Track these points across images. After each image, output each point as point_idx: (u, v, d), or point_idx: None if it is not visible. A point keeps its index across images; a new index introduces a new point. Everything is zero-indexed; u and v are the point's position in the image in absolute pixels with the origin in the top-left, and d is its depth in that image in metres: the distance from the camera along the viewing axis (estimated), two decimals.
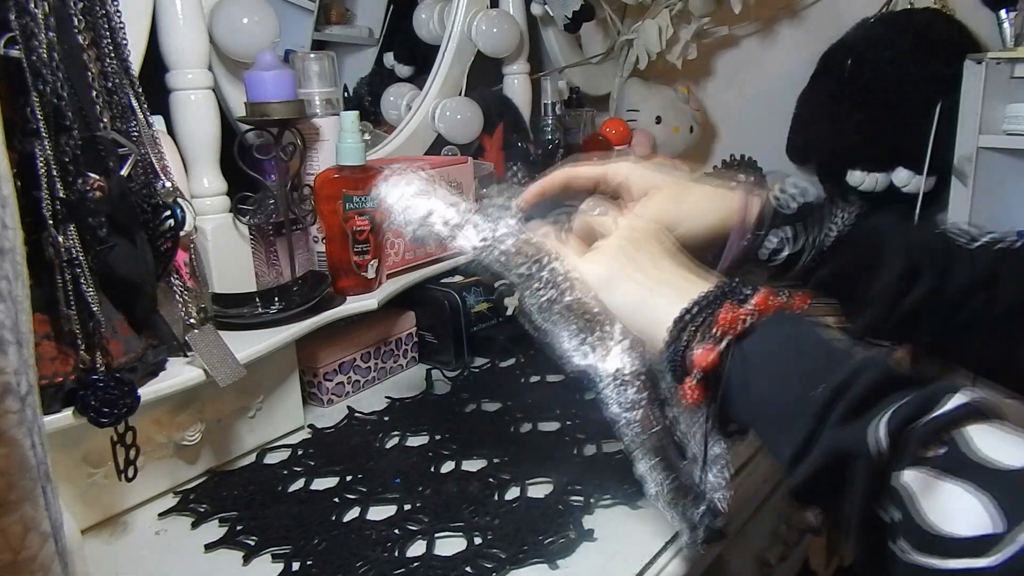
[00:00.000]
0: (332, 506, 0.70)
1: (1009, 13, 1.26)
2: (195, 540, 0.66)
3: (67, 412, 0.61)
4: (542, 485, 0.71)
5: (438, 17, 1.25)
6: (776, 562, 0.84)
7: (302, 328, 0.83)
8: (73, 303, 0.59)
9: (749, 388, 0.46)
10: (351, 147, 0.88)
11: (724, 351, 0.47)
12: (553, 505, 0.68)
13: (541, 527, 0.64)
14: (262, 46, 0.86)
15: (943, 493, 0.36)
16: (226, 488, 0.74)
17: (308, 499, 0.72)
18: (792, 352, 0.46)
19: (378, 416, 0.88)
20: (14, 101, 0.56)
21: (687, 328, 0.49)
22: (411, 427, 0.85)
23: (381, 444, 0.82)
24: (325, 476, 0.75)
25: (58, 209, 0.57)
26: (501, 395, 0.92)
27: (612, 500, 0.68)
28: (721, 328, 0.47)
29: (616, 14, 1.49)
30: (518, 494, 0.70)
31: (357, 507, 0.69)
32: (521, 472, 0.73)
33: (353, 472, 0.76)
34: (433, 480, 0.73)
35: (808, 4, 1.54)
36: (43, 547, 0.37)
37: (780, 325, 0.47)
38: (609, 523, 0.65)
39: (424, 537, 0.64)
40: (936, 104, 1.34)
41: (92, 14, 0.63)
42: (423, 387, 0.97)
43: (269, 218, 0.88)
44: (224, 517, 0.69)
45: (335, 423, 0.87)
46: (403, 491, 0.72)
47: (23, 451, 0.35)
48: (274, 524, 0.67)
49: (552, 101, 1.34)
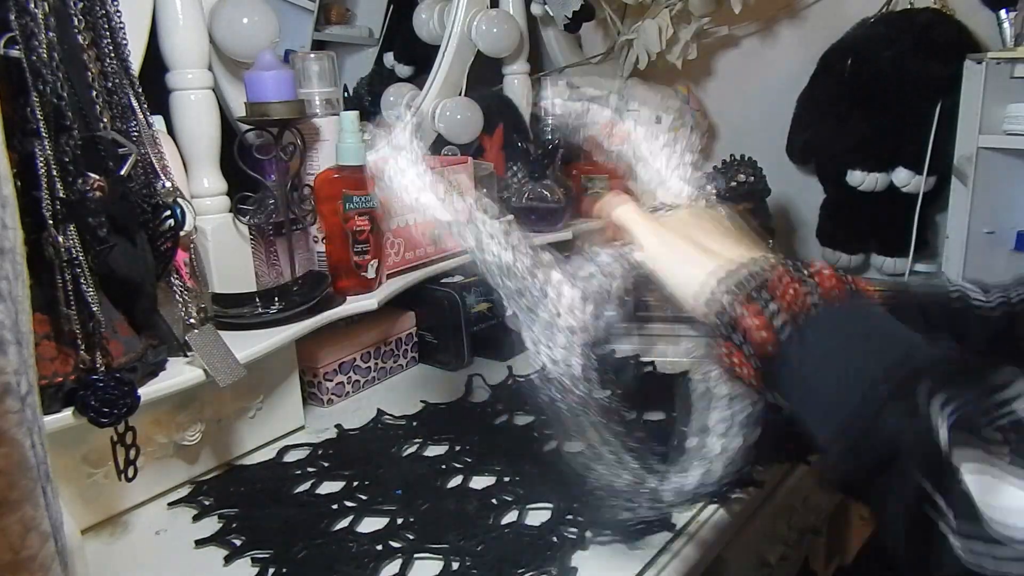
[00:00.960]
0: (328, 513, 0.69)
1: (1009, 13, 1.26)
2: (192, 533, 0.67)
3: (67, 412, 0.61)
4: (542, 511, 0.69)
5: (438, 17, 1.25)
6: (776, 562, 0.84)
7: (302, 328, 0.83)
8: (73, 303, 0.59)
9: (803, 371, 0.44)
10: (351, 147, 0.88)
11: (780, 329, 0.45)
12: (546, 535, 0.64)
13: (524, 559, 0.61)
14: (262, 46, 0.86)
15: (1004, 492, 0.34)
16: (237, 483, 0.74)
17: (308, 503, 0.72)
18: (852, 340, 0.44)
19: (407, 421, 0.88)
20: (14, 101, 0.56)
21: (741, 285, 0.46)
22: (435, 435, 0.84)
23: (399, 450, 0.81)
24: (334, 480, 0.75)
25: (58, 209, 0.57)
26: (537, 408, 0.87)
27: (610, 537, 0.64)
28: (780, 303, 0.44)
29: (616, 14, 1.49)
30: (515, 518, 0.68)
31: (351, 516, 0.69)
32: (525, 495, 0.71)
33: (360, 478, 0.75)
34: (434, 495, 0.72)
35: (808, 4, 1.54)
36: (43, 547, 0.37)
37: (840, 311, 0.45)
38: (600, 561, 0.62)
39: (402, 556, 0.62)
40: (936, 104, 1.33)
41: (92, 14, 0.63)
42: (462, 392, 0.95)
43: (269, 218, 0.88)
44: (223, 513, 0.69)
45: (362, 424, 0.87)
46: (401, 503, 0.70)
47: (23, 451, 0.35)
48: (266, 526, 0.67)
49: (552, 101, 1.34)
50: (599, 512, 0.62)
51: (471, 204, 0.59)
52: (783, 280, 0.45)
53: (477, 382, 0.97)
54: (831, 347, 0.44)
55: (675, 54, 1.46)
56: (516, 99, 1.33)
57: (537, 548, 0.63)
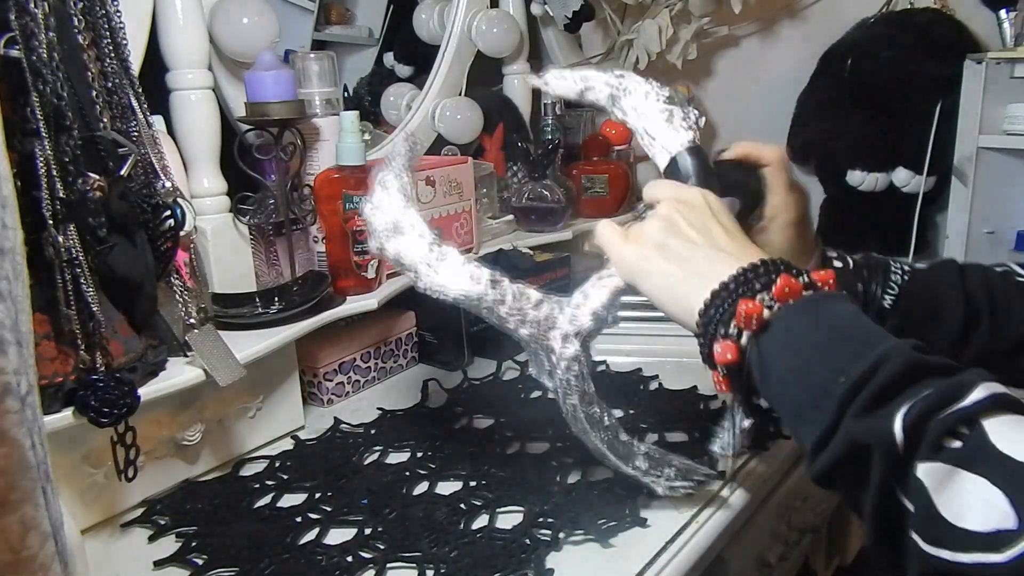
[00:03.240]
0: (292, 526, 0.67)
1: (1009, 13, 1.26)
2: (150, 554, 0.64)
3: (67, 412, 0.61)
4: (513, 514, 0.67)
5: (438, 17, 1.25)
6: (776, 562, 0.84)
7: (302, 328, 0.83)
8: (73, 303, 0.59)
9: (769, 379, 0.47)
10: (351, 147, 0.88)
11: (744, 346, 0.48)
12: (519, 538, 0.63)
13: (500, 563, 0.60)
14: (262, 46, 0.86)
15: (958, 487, 0.36)
16: (193, 500, 0.71)
17: (270, 517, 0.69)
18: (812, 342, 0.45)
19: (365, 428, 0.85)
20: (14, 101, 0.56)
21: (711, 322, 0.49)
22: (395, 442, 0.81)
23: (360, 459, 0.78)
24: (295, 492, 0.73)
25: (58, 209, 0.57)
26: (496, 410, 0.88)
27: (583, 536, 0.63)
28: (737, 325, 0.47)
29: (616, 14, 1.49)
30: (485, 523, 0.66)
31: (317, 528, 0.66)
32: (494, 498, 0.69)
33: (323, 489, 0.73)
34: (401, 503, 0.70)
35: (808, 4, 1.54)
36: (43, 547, 0.37)
37: (798, 315, 0.47)
38: (574, 561, 0.61)
39: (375, 567, 0.61)
40: (936, 104, 1.33)
41: (92, 14, 0.63)
42: (419, 398, 0.93)
43: (269, 218, 0.88)
44: (182, 532, 0.67)
45: (319, 435, 0.84)
46: (368, 513, 0.68)
47: (23, 451, 0.35)
48: (229, 543, 0.64)
49: (552, 101, 1.34)
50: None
51: (462, 261, 0.62)
52: (744, 308, 0.47)
53: (433, 386, 0.95)
54: (789, 354, 0.46)
55: (675, 54, 1.46)
56: (516, 99, 1.33)
57: (511, 551, 0.61)
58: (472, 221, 1.10)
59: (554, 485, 0.71)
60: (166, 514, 0.70)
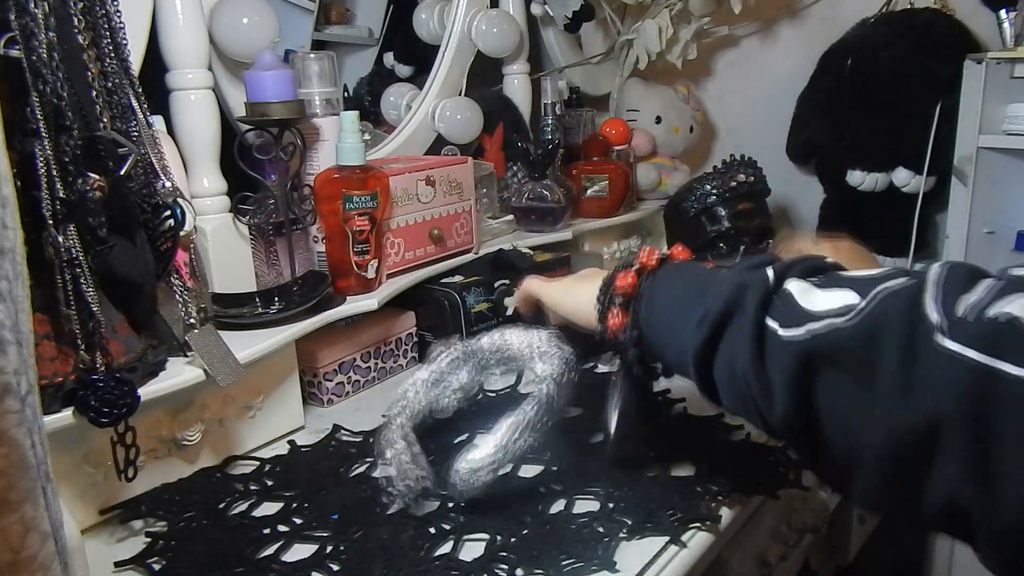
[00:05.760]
0: (258, 538, 0.64)
1: (1009, 13, 1.26)
2: (115, 553, 0.63)
3: (67, 412, 0.61)
4: (478, 543, 0.62)
5: (438, 17, 1.25)
6: (776, 562, 0.84)
7: (302, 328, 0.83)
8: (73, 303, 0.59)
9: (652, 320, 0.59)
10: (351, 147, 0.88)
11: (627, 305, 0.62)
12: (477, 572, 0.59)
13: None
14: (262, 46, 0.86)
15: (818, 294, 0.47)
16: (173, 492, 0.70)
17: (239, 526, 0.66)
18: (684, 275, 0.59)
19: (364, 437, 0.82)
20: (14, 101, 0.56)
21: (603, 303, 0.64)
22: None
23: (347, 470, 0.75)
24: (274, 500, 0.70)
25: (58, 209, 0.57)
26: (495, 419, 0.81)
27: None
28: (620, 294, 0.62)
29: (616, 14, 1.49)
30: (449, 549, 0.61)
31: (280, 541, 0.64)
32: (467, 523, 0.65)
33: (301, 500, 0.70)
34: (370, 522, 0.65)
35: (808, 4, 1.54)
36: (43, 547, 0.37)
37: (664, 273, 0.61)
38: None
39: None
40: (936, 104, 1.34)
41: (92, 14, 0.63)
42: None
43: (269, 218, 0.88)
44: (151, 532, 0.65)
45: (315, 441, 0.82)
46: (335, 530, 0.65)
47: (23, 451, 0.35)
48: (191, 550, 0.62)
49: (552, 101, 1.34)
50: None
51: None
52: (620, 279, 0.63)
53: None
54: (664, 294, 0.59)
55: (675, 54, 1.46)
56: (516, 99, 1.34)
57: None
58: (472, 221, 1.10)
59: (537, 514, 0.66)
60: (148, 510, 0.68)
